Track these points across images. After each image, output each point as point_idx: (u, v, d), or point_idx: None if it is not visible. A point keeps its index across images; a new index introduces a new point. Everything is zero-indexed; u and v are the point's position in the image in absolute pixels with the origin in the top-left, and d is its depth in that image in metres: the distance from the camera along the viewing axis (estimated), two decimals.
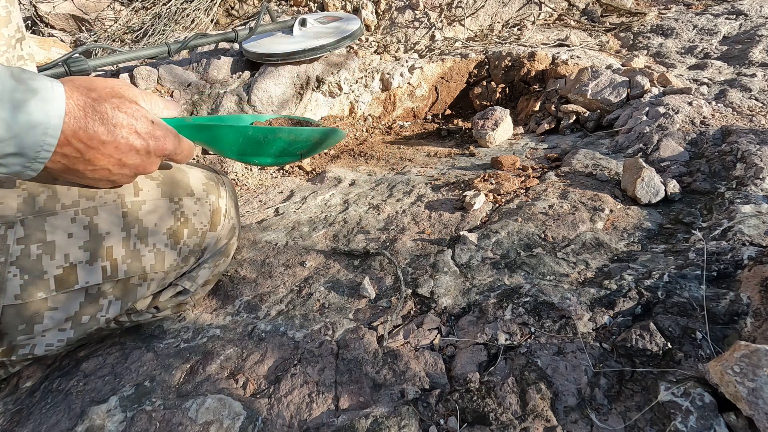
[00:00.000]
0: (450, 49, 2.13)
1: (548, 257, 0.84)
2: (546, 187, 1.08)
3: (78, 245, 0.60)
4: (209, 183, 0.76)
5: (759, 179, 0.92)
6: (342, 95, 1.82)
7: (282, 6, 2.43)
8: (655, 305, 0.66)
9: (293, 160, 0.77)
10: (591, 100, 1.52)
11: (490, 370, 0.62)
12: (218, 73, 1.75)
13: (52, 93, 0.47)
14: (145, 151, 0.55)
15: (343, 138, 0.82)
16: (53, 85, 0.47)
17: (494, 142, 1.51)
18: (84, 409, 0.60)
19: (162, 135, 0.57)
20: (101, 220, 0.61)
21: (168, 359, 0.70)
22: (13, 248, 0.55)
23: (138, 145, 0.54)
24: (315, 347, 0.69)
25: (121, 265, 0.64)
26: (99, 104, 0.51)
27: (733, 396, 0.47)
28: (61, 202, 0.59)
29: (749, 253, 0.71)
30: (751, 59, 1.67)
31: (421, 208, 1.09)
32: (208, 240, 0.75)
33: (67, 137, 0.48)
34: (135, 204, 0.65)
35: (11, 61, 0.72)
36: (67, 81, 0.51)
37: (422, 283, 0.82)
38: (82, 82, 0.52)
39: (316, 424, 0.57)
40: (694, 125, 1.20)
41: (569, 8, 2.38)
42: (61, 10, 2.61)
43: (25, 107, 0.45)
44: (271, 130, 0.70)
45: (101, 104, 0.51)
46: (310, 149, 0.75)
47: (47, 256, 0.57)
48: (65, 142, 0.49)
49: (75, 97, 0.49)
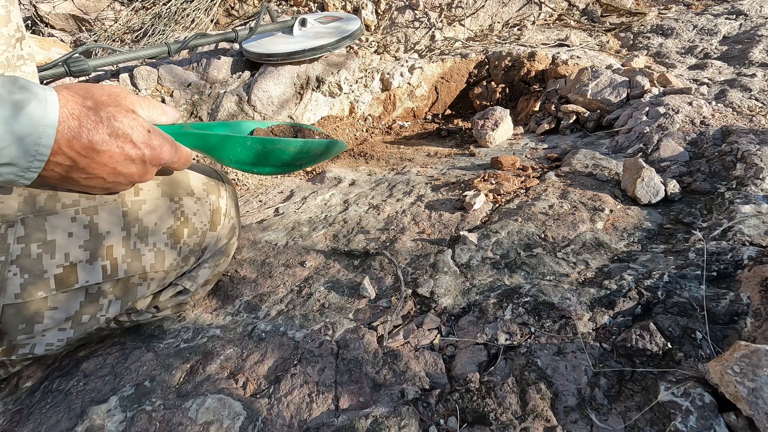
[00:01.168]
0: (450, 49, 2.13)
1: (548, 257, 0.84)
2: (546, 187, 1.08)
3: (78, 244, 0.60)
4: (209, 183, 0.76)
5: (759, 179, 0.92)
6: (342, 95, 1.82)
7: (282, 6, 2.43)
8: (655, 305, 0.66)
9: (293, 170, 0.76)
10: (591, 100, 1.52)
11: (490, 370, 0.62)
12: (218, 73, 1.75)
13: (45, 102, 0.46)
14: (141, 160, 0.55)
15: (345, 149, 0.81)
16: (47, 94, 0.47)
17: (494, 142, 1.51)
18: (84, 409, 0.60)
19: (158, 144, 0.56)
20: (101, 220, 0.61)
21: (168, 359, 0.70)
22: (14, 247, 0.55)
23: (133, 155, 0.54)
24: (315, 347, 0.69)
25: (122, 265, 0.64)
26: (94, 113, 0.50)
27: (733, 396, 0.47)
28: (61, 202, 0.59)
29: (749, 253, 0.71)
30: (751, 59, 1.67)
31: (421, 208, 1.09)
32: (209, 240, 0.75)
33: (60, 146, 0.48)
34: (135, 203, 0.65)
35: (11, 60, 0.72)
36: (62, 88, 0.50)
37: (422, 283, 0.82)
38: (78, 89, 0.52)
39: (316, 424, 0.57)
40: (694, 125, 1.20)
41: (569, 8, 2.38)
42: (61, 10, 2.61)
43: (18, 116, 0.44)
44: (271, 141, 0.69)
45: (97, 113, 0.50)
46: (310, 161, 0.74)
47: (47, 255, 0.57)
48: (59, 150, 0.48)
49: (69, 106, 0.48)
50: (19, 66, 0.74)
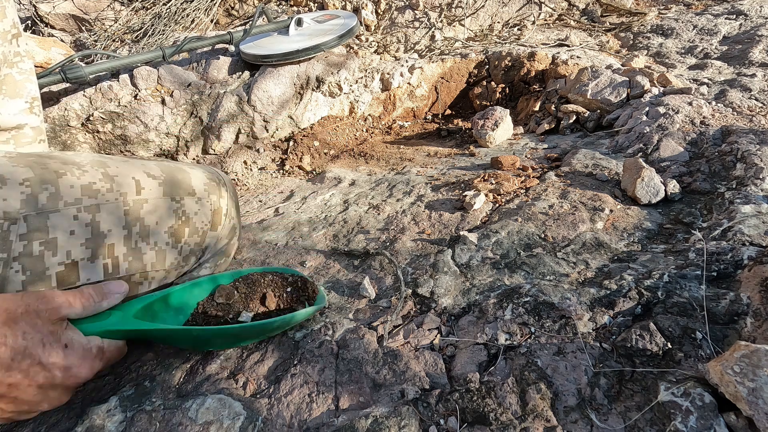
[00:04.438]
0: (450, 49, 2.13)
1: (548, 257, 0.84)
2: (546, 187, 1.08)
3: (80, 243, 0.60)
4: (210, 183, 0.76)
5: (759, 179, 0.92)
6: (342, 95, 1.82)
7: (282, 6, 2.43)
8: (655, 305, 0.66)
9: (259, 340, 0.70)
10: (591, 100, 1.52)
11: (490, 370, 0.62)
12: (218, 73, 1.75)
13: None
14: (50, 384, 0.49)
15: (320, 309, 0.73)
16: None
17: (494, 142, 1.51)
18: (84, 409, 0.60)
19: (76, 363, 0.50)
20: (103, 219, 0.61)
21: (168, 359, 0.70)
22: (16, 245, 0.55)
23: (41, 380, 0.47)
24: (315, 347, 0.69)
25: (123, 263, 0.64)
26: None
27: (733, 396, 0.47)
28: (63, 200, 0.59)
29: (749, 253, 0.71)
30: (751, 59, 1.67)
31: (421, 208, 1.09)
32: (209, 240, 0.75)
33: None
34: (137, 202, 0.65)
35: (8, 56, 0.72)
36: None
37: (422, 283, 0.82)
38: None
39: (316, 424, 0.57)
40: (694, 125, 1.20)
41: (569, 8, 2.38)
42: (61, 10, 2.61)
43: None
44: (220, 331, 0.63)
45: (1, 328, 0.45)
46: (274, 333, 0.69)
47: (49, 253, 0.57)
48: None
49: None
50: (16, 62, 0.74)
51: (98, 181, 0.63)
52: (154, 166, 0.71)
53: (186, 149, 1.65)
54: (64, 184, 0.60)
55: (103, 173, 0.64)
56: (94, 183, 0.62)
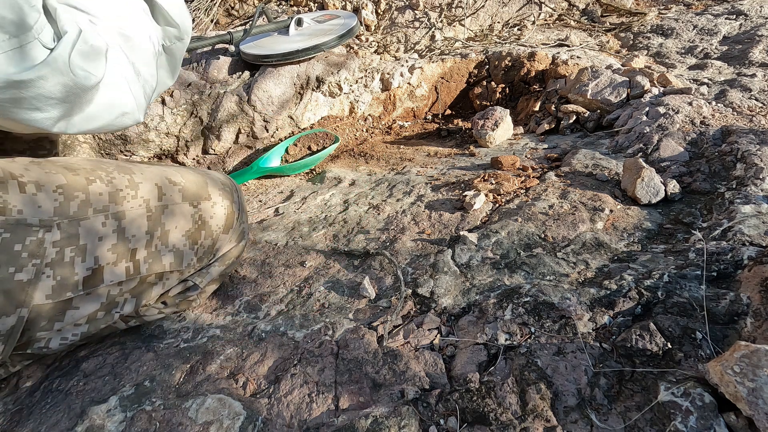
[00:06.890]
0: (450, 49, 2.13)
1: (548, 257, 0.84)
2: (546, 187, 1.08)
3: (107, 248, 0.63)
4: (224, 189, 0.80)
5: (759, 179, 0.91)
6: (342, 95, 1.82)
7: (282, 6, 2.43)
8: (655, 305, 0.66)
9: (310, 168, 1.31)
10: (591, 100, 1.52)
11: (490, 370, 0.62)
12: (218, 73, 1.75)
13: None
14: None
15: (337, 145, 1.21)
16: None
17: (494, 142, 1.51)
18: (84, 409, 0.60)
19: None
20: (128, 224, 0.65)
21: (168, 359, 0.70)
22: (49, 251, 0.58)
23: None
24: (315, 347, 0.69)
25: (143, 265, 0.67)
26: None
27: (733, 396, 0.47)
28: (92, 207, 0.62)
29: (749, 253, 0.71)
30: (751, 59, 1.67)
31: (421, 208, 1.09)
32: (221, 241, 0.78)
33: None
34: (158, 208, 0.68)
35: None
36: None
37: (422, 283, 0.82)
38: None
39: (316, 424, 0.57)
40: (694, 125, 1.20)
41: (569, 8, 2.38)
42: None
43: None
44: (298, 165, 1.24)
45: None
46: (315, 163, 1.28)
47: (79, 259, 0.60)
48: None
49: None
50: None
51: (124, 188, 0.66)
52: (174, 172, 0.74)
53: (186, 149, 1.65)
54: (93, 191, 0.62)
55: (129, 180, 0.67)
56: (120, 190, 0.65)
